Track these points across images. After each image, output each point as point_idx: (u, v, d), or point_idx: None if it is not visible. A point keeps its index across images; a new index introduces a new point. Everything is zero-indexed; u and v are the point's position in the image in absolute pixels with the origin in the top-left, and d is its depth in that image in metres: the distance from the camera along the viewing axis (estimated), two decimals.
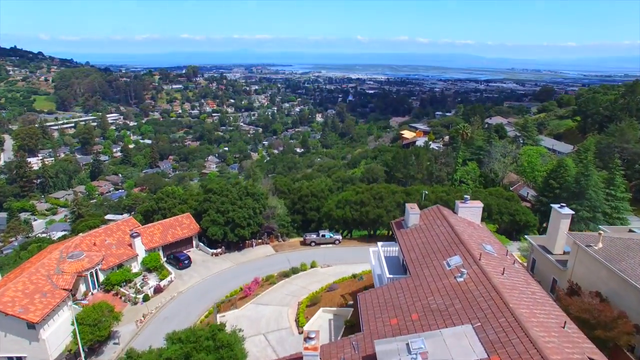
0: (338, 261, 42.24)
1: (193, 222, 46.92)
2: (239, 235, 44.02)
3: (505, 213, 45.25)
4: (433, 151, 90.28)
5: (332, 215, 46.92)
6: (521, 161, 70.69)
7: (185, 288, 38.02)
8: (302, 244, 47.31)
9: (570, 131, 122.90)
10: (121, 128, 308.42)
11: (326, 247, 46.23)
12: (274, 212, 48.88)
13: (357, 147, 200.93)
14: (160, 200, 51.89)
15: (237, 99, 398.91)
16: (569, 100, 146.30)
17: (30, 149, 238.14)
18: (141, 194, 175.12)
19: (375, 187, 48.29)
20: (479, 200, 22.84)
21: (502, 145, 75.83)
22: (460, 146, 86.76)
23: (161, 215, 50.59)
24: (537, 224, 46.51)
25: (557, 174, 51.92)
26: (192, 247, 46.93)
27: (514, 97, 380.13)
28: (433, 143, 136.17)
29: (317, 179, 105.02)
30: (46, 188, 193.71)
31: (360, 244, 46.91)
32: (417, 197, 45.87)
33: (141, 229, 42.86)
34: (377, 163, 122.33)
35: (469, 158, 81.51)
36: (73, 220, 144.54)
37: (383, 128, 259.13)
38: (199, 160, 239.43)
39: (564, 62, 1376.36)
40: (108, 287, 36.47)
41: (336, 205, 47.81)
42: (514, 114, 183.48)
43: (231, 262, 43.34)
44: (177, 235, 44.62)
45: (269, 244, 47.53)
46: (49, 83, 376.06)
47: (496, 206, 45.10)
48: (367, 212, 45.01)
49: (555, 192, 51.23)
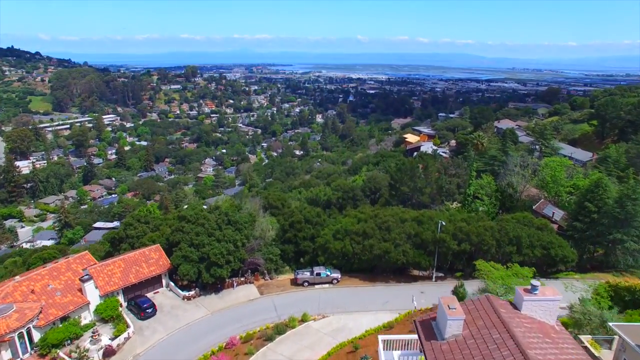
0: (336, 308, 34.59)
1: (163, 256, 39.22)
2: (216, 275, 36.36)
3: (537, 246, 37.52)
4: (442, 160, 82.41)
5: (329, 248, 39.13)
6: (543, 174, 62.70)
7: (143, 350, 30.26)
8: (293, 283, 39.48)
9: (586, 136, 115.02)
10: (117, 129, 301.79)
11: (322, 288, 38.50)
12: (260, 243, 41.14)
13: (358, 151, 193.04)
14: (129, 227, 44.21)
15: (236, 99, 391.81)
16: (582, 102, 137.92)
17: (22, 151, 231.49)
18: (133, 199, 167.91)
19: (380, 214, 40.39)
20: (553, 289, 14.33)
21: (520, 155, 67.93)
22: (472, 156, 79.07)
23: (129, 244, 42.96)
24: (575, 259, 38.71)
25: (594, 194, 44.21)
26: (161, 287, 39.24)
27: (516, 97, 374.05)
28: (439, 148, 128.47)
29: (316, 188, 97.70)
30: (36, 193, 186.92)
31: (363, 283, 39.21)
32: (431, 227, 38.14)
33: (97, 267, 35.22)
34: (379, 170, 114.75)
35: (481, 169, 73.62)
36: (60, 229, 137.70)
37: (384, 130, 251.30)
38: (195, 164, 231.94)
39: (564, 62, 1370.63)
40: (44, 350, 28.80)
41: (334, 235, 39.98)
42: (521, 115, 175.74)
43: (205, 310, 35.62)
44: (143, 274, 36.97)
45: (254, 283, 39.76)
46: (45, 83, 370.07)
47: (526, 238, 37.36)
48: (370, 246, 37.27)
49: (592, 216, 43.54)
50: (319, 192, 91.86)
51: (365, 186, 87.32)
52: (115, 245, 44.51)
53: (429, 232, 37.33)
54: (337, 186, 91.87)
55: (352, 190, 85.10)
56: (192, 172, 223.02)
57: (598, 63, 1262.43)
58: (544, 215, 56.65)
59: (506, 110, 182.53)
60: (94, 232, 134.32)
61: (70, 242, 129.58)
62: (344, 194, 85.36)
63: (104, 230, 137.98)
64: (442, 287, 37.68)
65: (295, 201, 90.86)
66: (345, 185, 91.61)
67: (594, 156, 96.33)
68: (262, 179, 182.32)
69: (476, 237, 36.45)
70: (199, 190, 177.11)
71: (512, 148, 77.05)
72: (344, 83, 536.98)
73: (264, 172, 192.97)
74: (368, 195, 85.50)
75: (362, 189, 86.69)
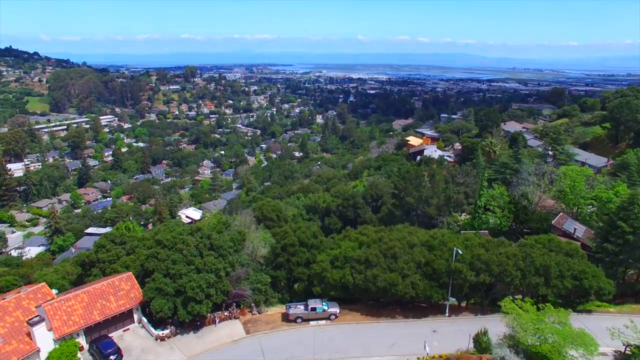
0: (334, 353, 29.35)
1: (135, 286, 34.03)
2: (193, 313, 31.18)
3: (567, 276, 32.29)
4: (449, 168, 77.12)
5: (326, 278, 33.88)
6: (561, 184, 57.29)
7: None
8: (284, 319, 34.20)
9: (599, 139, 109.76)
10: (115, 130, 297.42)
11: (318, 325, 33.27)
12: (248, 270, 35.86)
13: (358, 153, 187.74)
14: (101, 249, 39.03)
15: (235, 99, 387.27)
16: (593, 104, 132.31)
17: (16, 153, 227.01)
18: (127, 204, 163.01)
19: (385, 238, 35.07)
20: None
21: (536, 163, 62.59)
22: (482, 163, 73.77)
23: (99, 269, 37.80)
24: (613, 290, 33.40)
25: (628, 212, 39.01)
26: (132, 323, 34.05)
27: (518, 97, 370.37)
28: (442, 151, 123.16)
29: (315, 194, 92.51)
30: (29, 196, 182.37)
31: (366, 318, 33.93)
32: (444, 254, 32.89)
33: (54, 304, 30.06)
34: (381, 175, 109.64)
35: (492, 177, 68.31)
36: (50, 235, 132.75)
37: (386, 131, 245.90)
38: (192, 166, 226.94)
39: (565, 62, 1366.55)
40: None
41: (332, 262, 34.72)
42: (526, 117, 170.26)
43: (181, 354, 30.41)
44: (110, 309, 31.83)
45: (239, 318, 34.53)
46: (43, 84, 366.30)
47: (555, 267, 32.10)
48: (374, 277, 32.04)
49: (627, 237, 38.34)
50: (317, 199, 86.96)
51: (366, 193, 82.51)
52: (86, 270, 39.39)
53: (442, 261, 32.10)
54: (337, 192, 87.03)
55: (353, 197, 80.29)
56: (189, 174, 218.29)
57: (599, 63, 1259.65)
58: (565, 231, 51.36)
59: (511, 112, 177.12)
60: (86, 238, 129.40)
61: (60, 249, 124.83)
62: (344, 202, 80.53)
63: (97, 236, 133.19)
64: (458, 325, 32.48)
65: (293, 208, 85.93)
66: (345, 191, 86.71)
67: (609, 162, 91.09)
68: (260, 183, 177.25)
69: (497, 267, 31.26)
70: (195, 195, 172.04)
71: (525, 154, 71.64)
72: (345, 83, 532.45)
73: (262, 175, 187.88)
74: (369, 203, 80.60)
75: (363, 196, 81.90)
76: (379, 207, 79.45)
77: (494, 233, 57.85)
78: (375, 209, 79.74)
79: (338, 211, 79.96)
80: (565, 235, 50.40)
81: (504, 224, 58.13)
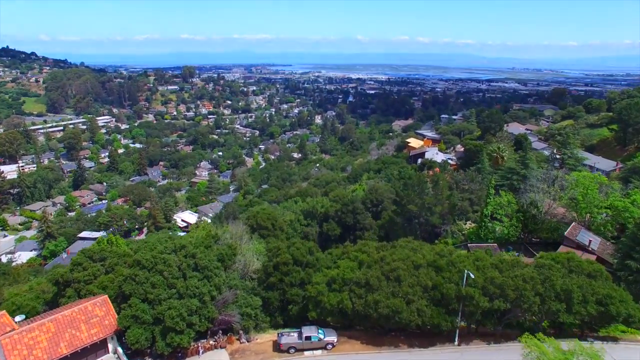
0: None
1: (111, 312, 30.62)
2: (173, 345, 27.83)
3: (591, 301, 28.97)
4: (452, 173, 73.78)
5: (322, 302, 30.51)
6: (572, 192, 53.89)
7: None
8: (276, 348, 30.83)
9: (605, 142, 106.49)
10: (112, 131, 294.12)
11: (313, 356, 29.90)
12: (236, 293, 32.40)
13: (358, 155, 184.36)
14: (77, 267, 35.59)
15: (234, 100, 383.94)
16: (599, 105, 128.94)
17: (10, 155, 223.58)
18: (123, 207, 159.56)
19: (388, 258, 31.62)
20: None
21: (544, 168, 59.24)
22: (487, 168, 70.42)
23: (74, 290, 34.36)
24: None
25: None
26: (107, 354, 30.63)
27: (517, 97, 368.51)
28: (444, 154, 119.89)
29: (313, 199, 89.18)
30: (23, 199, 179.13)
31: (366, 348, 30.50)
32: (453, 276, 29.50)
33: (14, 336, 26.66)
34: (381, 179, 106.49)
35: (498, 183, 65.00)
36: (42, 239, 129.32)
37: (385, 132, 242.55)
38: (189, 168, 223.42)
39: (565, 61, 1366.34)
40: None
41: (329, 284, 31.32)
42: (529, 118, 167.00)
43: None
44: (80, 340, 28.43)
45: (226, 347, 31.14)
46: (39, 84, 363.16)
47: (578, 291, 28.77)
48: (376, 303, 28.67)
49: None
50: (316, 204, 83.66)
51: (366, 198, 79.37)
52: (60, 289, 35.99)
53: (451, 285, 28.73)
54: (336, 197, 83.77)
55: (352, 202, 77.04)
56: (187, 176, 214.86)
57: (598, 63, 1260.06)
58: (578, 243, 48.02)
59: (514, 113, 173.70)
60: (79, 242, 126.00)
61: (52, 255, 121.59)
62: (343, 207, 77.27)
63: (90, 240, 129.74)
64: (469, 355, 29.18)
65: (291, 213, 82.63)
66: (344, 196, 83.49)
67: (618, 165, 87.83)
68: (257, 185, 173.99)
69: (513, 292, 27.92)
70: (191, 197, 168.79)
71: (532, 159, 68.27)
72: (344, 83, 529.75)
73: (260, 178, 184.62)
74: (369, 209, 77.39)
75: (363, 201, 78.74)
76: (380, 212, 76.35)
77: (502, 243, 54.69)
78: (375, 214, 76.63)
79: (337, 217, 76.77)
80: (579, 247, 47.11)
81: (512, 234, 54.89)
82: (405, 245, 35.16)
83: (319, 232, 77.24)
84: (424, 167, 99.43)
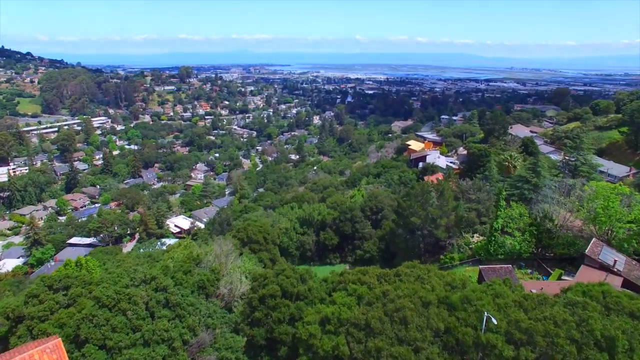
0: None
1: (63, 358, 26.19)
2: None
3: (638, 349, 24.50)
4: (458, 182, 69.31)
5: (314, 346, 26.00)
6: (592, 205, 49.28)
7: None
8: None
9: (615, 145, 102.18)
10: (107, 133, 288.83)
11: None
12: (214, 334, 27.97)
13: (356, 158, 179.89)
14: (32, 300, 30.97)
15: (231, 100, 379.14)
16: (607, 106, 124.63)
17: (2, 157, 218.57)
18: (115, 211, 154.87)
19: (391, 293, 27.12)
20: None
21: (559, 177, 54.78)
22: (495, 176, 65.97)
23: (26, 328, 29.82)
24: None
25: None
26: None
27: (517, 97, 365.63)
28: (445, 157, 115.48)
29: (310, 205, 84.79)
30: (13, 203, 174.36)
31: None
32: (469, 317, 25.10)
33: None
34: (381, 184, 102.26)
35: (507, 192, 60.53)
36: (29, 246, 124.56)
37: (385, 134, 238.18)
38: (185, 170, 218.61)
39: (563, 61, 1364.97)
40: None
41: (322, 324, 26.80)
42: (531, 119, 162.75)
43: None
44: None
45: None
46: (34, 85, 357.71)
47: (623, 337, 24.27)
48: (377, 350, 24.21)
49: None
50: (312, 211, 79.45)
51: (365, 205, 75.33)
52: (12, 326, 31.38)
53: (468, 330, 24.22)
54: (334, 203, 79.74)
55: (351, 210, 73.12)
56: (182, 179, 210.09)
57: (597, 62, 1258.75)
58: (602, 263, 43.54)
59: (517, 114, 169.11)
60: (68, 249, 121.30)
61: (39, 262, 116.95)
62: (341, 215, 73.32)
63: (80, 247, 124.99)
64: None
65: (286, 220, 78.32)
66: (342, 202, 79.33)
67: (632, 171, 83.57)
68: (253, 189, 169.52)
69: (543, 339, 23.36)
70: (185, 201, 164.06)
71: (544, 166, 63.82)
72: (342, 83, 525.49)
73: (256, 181, 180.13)
74: (368, 217, 73.34)
75: (362, 208, 74.75)
76: (379, 220, 72.31)
77: (513, 259, 50.33)
78: (375, 222, 72.57)
79: (335, 225, 72.87)
80: (602, 268, 42.60)
81: (525, 250, 50.48)
82: (411, 273, 30.64)
83: (316, 241, 73.09)
84: (425, 171, 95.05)
